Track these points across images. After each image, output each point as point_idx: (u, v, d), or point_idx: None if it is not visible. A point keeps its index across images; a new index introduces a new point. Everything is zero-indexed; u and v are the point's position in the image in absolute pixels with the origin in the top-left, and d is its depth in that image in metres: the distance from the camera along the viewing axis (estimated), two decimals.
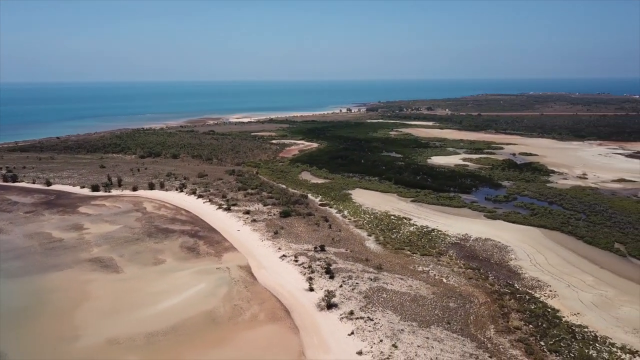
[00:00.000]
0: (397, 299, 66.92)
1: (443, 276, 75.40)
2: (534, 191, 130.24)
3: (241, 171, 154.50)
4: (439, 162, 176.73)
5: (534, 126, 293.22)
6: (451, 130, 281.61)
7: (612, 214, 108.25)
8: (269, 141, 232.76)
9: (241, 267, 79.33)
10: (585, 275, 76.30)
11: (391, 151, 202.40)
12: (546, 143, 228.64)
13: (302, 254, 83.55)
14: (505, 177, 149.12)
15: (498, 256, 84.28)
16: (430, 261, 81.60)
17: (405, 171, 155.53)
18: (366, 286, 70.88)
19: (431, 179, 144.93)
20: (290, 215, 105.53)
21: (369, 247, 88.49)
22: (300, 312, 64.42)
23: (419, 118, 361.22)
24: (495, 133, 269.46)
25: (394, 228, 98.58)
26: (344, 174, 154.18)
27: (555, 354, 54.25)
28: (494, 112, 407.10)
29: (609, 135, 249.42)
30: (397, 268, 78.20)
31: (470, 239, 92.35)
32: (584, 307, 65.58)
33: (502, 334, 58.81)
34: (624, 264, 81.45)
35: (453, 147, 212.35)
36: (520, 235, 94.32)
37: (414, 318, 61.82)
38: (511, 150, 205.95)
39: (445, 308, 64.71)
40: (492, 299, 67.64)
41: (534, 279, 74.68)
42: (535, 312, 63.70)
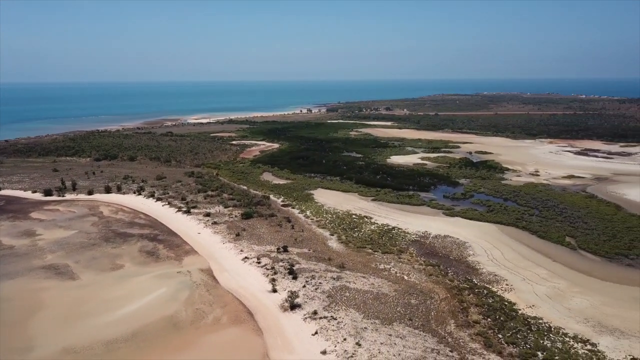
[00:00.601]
0: (360, 298, 67.62)
1: (404, 273, 76.70)
2: (489, 188, 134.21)
3: (201, 173, 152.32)
4: (398, 161, 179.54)
5: (489, 125, 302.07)
6: (409, 130, 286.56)
7: (563, 209, 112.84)
8: (229, 142, 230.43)
9: (202, 270, 78.25)
10: (539, 268, 79.24)
11: (352, 151, 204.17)
12: (500, 141, 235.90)
13: (265, 256, 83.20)
14: (463, 175, 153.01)
15: (457, 252, 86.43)
16: (391, 259, 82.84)
17: (366, 171, 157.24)
18: (329, 285, 71.29)
19: (391, 178, 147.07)
20: (252, 217, 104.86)
21: (332, 246, 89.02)
22: (263, 313, 64.15)
23: (378, 118, 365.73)
24: (452, 132, 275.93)
25: (356, 227, 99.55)
26: (306, 174, 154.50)
27: (513, 345, 56.12)
28: (451, 112, 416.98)
29: (558, 133, 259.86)
30: (359, 266, 79.01)
31: (430, 236, 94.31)
32: (539, 300, 68.11)
33: (462, 328, 60.36)
34: (575, 256, 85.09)
35: (412, 147, 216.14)
36: (477, 232, 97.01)
37: (377, 316, 62.63)
38: (467, 148, 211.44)
39: (407, 305, 65.85)
40: (452, 295, 69.32)
41: (492, 274, 77.00)
42: (493, 305, 65.70)
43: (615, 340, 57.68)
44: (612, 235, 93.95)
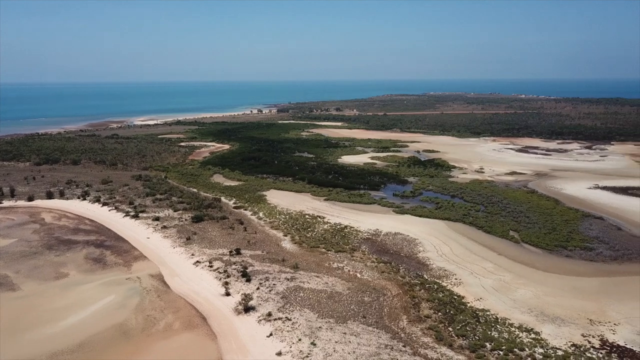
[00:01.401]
0: (314, 297, 67.93)
1: (357, 271, 77.69)
2: (437, 186, 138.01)
3: (148, 176, 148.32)
4: (349, 161, 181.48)
5: (435, 124, 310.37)
6: (359, 130, 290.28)
7: (507, 204, 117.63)
8: (177, 144, 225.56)
9: (153, 276, 76.31)
10: (485, 262, 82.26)
11: (303, 151, 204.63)
12: (447, 140, 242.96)
13: (217, 259, 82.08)
14: (411, 173, 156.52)
15: (407, 249, 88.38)
16: (344, 257, 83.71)
17: (318, 171, 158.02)
18: (283, 286, 71.22)
19: (342, 177, 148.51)
20: (203, 220, 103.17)
21: (285, 247, 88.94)
22: (217, 317, 63.31)
23: (329, 119, 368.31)
24: (401, 132, 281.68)
25: (309, 227, 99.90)
26: (258, 175, 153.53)
27: (462, 338, 58.02)
28: (399, 112, 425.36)
29: (501, 131, 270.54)
30: (313, 266, 79.37)
31: (381, 234, 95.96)
32: (486, 292, 70.71)
33: (414, 323, 61.83)
34: (518, 249, 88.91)
35: (362, 146, 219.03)
36: (427, 228, 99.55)
37: (331, 314, 63.14)
38: (415, 147, 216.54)
39: (360, 302, 66.74)
40: (404, 291, 70.86)
41: (441, 269, 79.25)
42: (443, 300, 67.65)
43: (556, 328, 60.71)
44: (552, 229, 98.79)
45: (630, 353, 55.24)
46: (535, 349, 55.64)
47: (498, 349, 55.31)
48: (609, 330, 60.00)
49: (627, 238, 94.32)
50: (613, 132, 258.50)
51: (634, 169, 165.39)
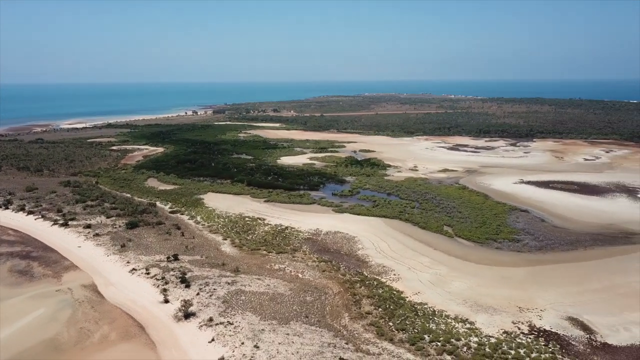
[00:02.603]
0: (256, 300, 67.55)
1: (299, 272, 78.03)
2: (374, 184, 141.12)
3: (78, 182, 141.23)
4: (288, 162, 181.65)
5: (371, 125, 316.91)
6: (297, 131, 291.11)
7: (440, 200, 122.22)
8: (108, 147, 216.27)
9: (85, 286, 72.88)
10: (422, 257, 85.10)
11: (241, 153, 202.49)
12: (382, 140, 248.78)
13: (154, 266, 79.65)
14: (349, 173, 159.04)
15: (347, 247, 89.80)
16: (285, 258, 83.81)
17: (257, 172, 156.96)
18: (224, 291, 70.29)
19: (282, 178, 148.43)
20: (138, 226, 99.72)
21: (225, 251, 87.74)
22: (156, 326, 61.48)
23: (266, 120, 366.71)
24: (338, 132, 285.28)
25: (249, 229, 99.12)
26: (194, 178, 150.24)
27: (402, 331, 59.76)
28: (335, 113, 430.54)
29: (433, 130, 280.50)
30: (254, 269, 78.86)
31: (322, 233, 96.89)
32: (423, 286, 73.20)
33: (355, 320, 62.96)
34: (452, 244, 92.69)
35: (300, 147, 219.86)
36: (365, 226, 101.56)
37: (274, 316, 63.07)
38: (352, 147, 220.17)
39: (302, 302, 67.10)
40: (345, 288, 71.97)
41: (380, 265, 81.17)
42: (382, 296, 69.35)
43: (489, 317, 63.92)
44: (483, 222, 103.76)
45: (555, 336, 59.16)
46: (470, 338, 58.30)
47: (436, 340, 57.48)
48: (536, 316, 63.90)
49: (550, 229, 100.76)
50: (535, 129, 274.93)
51: (554, 164, 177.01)
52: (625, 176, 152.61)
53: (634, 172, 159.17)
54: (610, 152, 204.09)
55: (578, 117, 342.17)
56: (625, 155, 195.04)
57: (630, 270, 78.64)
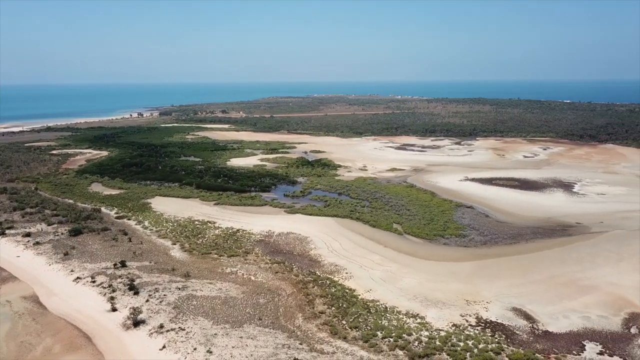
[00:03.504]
0: (208, 304, 66.53)
1: (251, 274, 77.48)
2: (325, 185, 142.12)
3: (15, 188, 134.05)
4: (238, 163, 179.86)
5: (321, 125, 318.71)
6: (247, 132, 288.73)
7: (389, 199, 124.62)
8: (48, 152, 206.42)
9: (26, 297, 69.33)
10: (373, 255, 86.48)
11: (190, 155, 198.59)
12: (332, 140, 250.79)
13: (101, 273, 76.86)
14: (300, 173, 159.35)
15: (300, 248, 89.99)
16: (237, 261, 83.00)
17: (206, 175, 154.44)
18: (175, 296, 68.80)
19: (232, 180, 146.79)
20: (82, 233, 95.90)
21: (175, 255, 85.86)
22: (103, 335, 59.36)
23: (215, 121, 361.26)
24: (288, 133, 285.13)
25: (199, 233, 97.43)
26: (141, 182, 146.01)
27: (356, 329, 60.52)
28: (285, 114, 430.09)
29: (381, 131, 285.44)
30: (205, 273, 77.63)
31: (274, 235, 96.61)
32: (375, 284, 74.42)
33: (309, 320, 63.20)
34: (402, 241, 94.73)
35: (250, 149, 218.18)
36: (317, 226, 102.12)
37: (227, 320, 62.34)
38: (303, 148, 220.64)
39: (255, 305, 66.69)
40: (298, 289, 72.10)
41: (332, 265, 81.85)
42: (335, 294, 69.96)
43: (439, 311, 65.81)
44: (430, 219, 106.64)
45: (501, 327, 61.67)
46: (421, 332, 59.81)
47: (389, 336, 58.61)
48: (483, 309, 66.35)
49: (494, 224, 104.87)
50: (477, 128, 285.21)
51: (496, 162, 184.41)
52: (561, 172, 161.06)
53: (569, 168, 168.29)
54: (548, 149, 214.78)
55: (517, 116, 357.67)
56: (560, 152, 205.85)
57: (567, 260, 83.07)
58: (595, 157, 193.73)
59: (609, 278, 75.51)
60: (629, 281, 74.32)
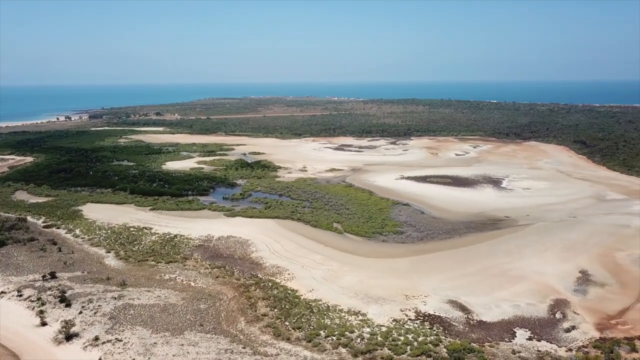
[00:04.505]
0: (146, 313, 64.48)
1: (191, 280, 75.87)
2: (265, 186, 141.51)
3: None
4: (174, 167, 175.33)
5: (259, 127, 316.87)
6: (183, 135, 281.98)
7: (329, 199, 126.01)
8: None
9: None
10: (315, 254, 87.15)
11: (123, 160, 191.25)
12: (271, 142, 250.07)
13: (28, 287, 72.49)
14: (239, 176, 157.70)
15: (241, 251, 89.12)
16: (176, 267, 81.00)
17: (141, 179, 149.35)
18: (110, 307, 66.13)
19: (168, 184, 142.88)
20: (6, 244, 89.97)
21: (109, 264, 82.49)
22: (33, 352, 56.07)
23: (149, 124, 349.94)
24: (226, 135, 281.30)
25: (135, 240, 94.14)
26: (71, 188, 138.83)
27: (299, 330, 60.77)
28: (222, 115, 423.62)
29: (319, 132, 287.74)
30: (142, 281, 75.17)
31: (214, 239, 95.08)
32: (317, 283, 75.05)
33: (252, 323, 62.78)
34: (342, 239, 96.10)
35: (187, 151, 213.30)
36: (258, 228, 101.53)
37: (167, 328, 60.71)
38: (242, 150, 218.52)
39: (196, 311, 65.39)
40: (240, 293, 71.41)
41: (274, 266, 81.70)
42: (278, 296, 69.91)
43: (380, 307, 67.37)
44: (369, 217, 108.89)
45: (438, 319, 64.07)
46: (363, 329, 60.98)
47: (331, 335, 59.31)
48: (421, 303, 68.62)
49: (429, 220, 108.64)
50: (411, 128, 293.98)
51: (430, 160, 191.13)
52: (490, 168, 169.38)
53: (497, 165, 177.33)
54: (477, 147, 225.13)
55: (448, 116, 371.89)
56: (489, 150, 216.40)
57: (498, 253, 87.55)
58: (520, 154, 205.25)
59: (535, 267, 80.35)
60: (553, 270, 79.45)
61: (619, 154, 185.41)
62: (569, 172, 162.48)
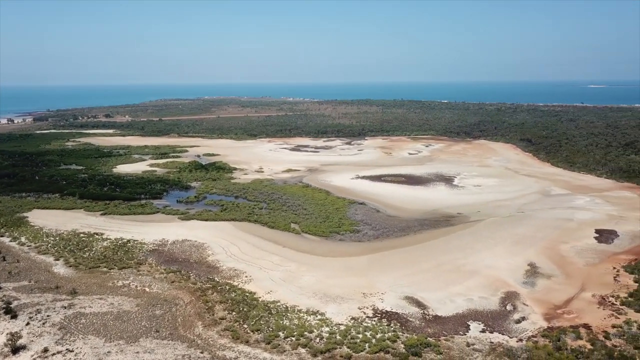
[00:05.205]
0: (98, 321, 62.43)
1: (145, 286, 74.04)
2: (221, 188, 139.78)
3: None
4: (126, 170, 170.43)
5: (214, 128, 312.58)
6: (134, 137, 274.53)
7: (286, 199, 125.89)
8: None
9: None
10: (272, 256, 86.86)
11: (71, 163, 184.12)
12: (226, 143, 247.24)
13: None
14: (194, 178, 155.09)
15: (197, 255, 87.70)
16: (130, 273, 78.84)
17: (91, 183, 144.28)
18: (60, 316, 63.62)
19: (120, 188, 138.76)
20: None
21: (58, 272, 79.32)
22: None
23: (98, 126, 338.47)
24: (179, 137, 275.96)
25: (86, 246, 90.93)
26: (15, 194, 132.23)
27: (258, 332, 60.42)
28: (175, 117, 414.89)
29: (275, 132, 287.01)
30: (94, 288, 72.72)
31: (168, 243, 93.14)
32: (275, 284, 74.85)
33: (209, 327, 61.92)
34: (300, 240, 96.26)
35: (139, 154, 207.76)
36: (214, 231, 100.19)
37: (121, 336, 59.00)
38: (196, 152, 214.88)
39: (151, 317, 63.88)
40: (197, 297, 70.28)
41: (232, 269, 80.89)
42: (235, 299, 69.27)
43: (338, 306, 67.90)
44: (326, 217, 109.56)
45: (396, 316, 65.24)
46: (322, 328, 61.30)
47: (291, 335, 59.30)
48: (378, 300, 69.66)
49: (384, 218, 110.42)
50: (366, 128, 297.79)
51: (384, 160, 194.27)
52: (442, 167, 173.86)
53: (449, 163, 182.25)
54: (429, 146, 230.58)
55: (401, 116, 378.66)
56: (441, 149, 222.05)
57: (451, 249, 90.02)
58: (470, 152, 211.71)
59: (487, 262, 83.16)
60: (504, 263, 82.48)
61: (562, 151, 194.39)
62: (516, 169, 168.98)
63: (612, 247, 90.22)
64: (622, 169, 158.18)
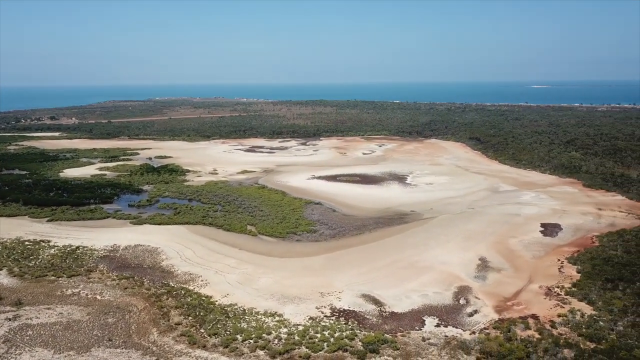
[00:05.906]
0: (47, 332, 59.92)
1: (97, 293, 71.66)
2: (174, 191, 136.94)
3: None
4: (73, 174, 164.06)
5: (165, 130, 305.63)
6: (82, 140, 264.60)
7: (242, 201, 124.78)
8: None
9: None
10: (228, 259, 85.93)
11: (13, 168, 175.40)
12: (178, 145, 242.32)
13: None
14: (145, 181, 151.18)
15: (150, 260, 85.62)
16: (79, 281, 76.08)
17: (35, 189, 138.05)
18: (4, 329, 60.63)
19: (67, 193, 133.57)
20: None
21: (2, 282, 75.45)
22: None
23: (43, 129, 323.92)
24: (129, 139, 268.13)
25: (31, 254, 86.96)
26: None
27: (215, 336, 59.67)
28: (124, 119, 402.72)
29: (229, 133, 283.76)
30: (41, 298, 69.73)
31: (120, 249, 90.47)
32: (232, 287, 74.11)
33: (165, 333, 60.65)
34: (257, 242, 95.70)
35: (87, 157, 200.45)
36: (168, 235, 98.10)
37: (71, 346, 56.88)
38: (147, 154, 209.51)
39: (104, 326, 61.92)
40: (151, 303, 68.65)
41: (187, 273, 79.46)
42: (191, 304, 68.11)
43: (296, 306, 67.98)
44: (283, 218, 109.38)
45: (353, 314, 65.98)
46: (280, 330, 61.20)
47: (249, 338, 58.90)
48: (336, 299, 70.23)
49: (340, 217, 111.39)
50: (320, 129, 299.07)
51: (339, 160, 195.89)
52: (395, 166, 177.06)
53: (402, 162, 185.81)
54: (383, 146, 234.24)
55: (355, 116, 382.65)
56: (394, 148, 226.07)
57: (405, 246, 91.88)
58: (422, 151, 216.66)
59: (440, 258, 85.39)
60: (456, 259, 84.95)
61: (509, 148, 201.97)
62: (466, 167, 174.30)
63: (557, 240, 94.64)
64: (564, 165, 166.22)
